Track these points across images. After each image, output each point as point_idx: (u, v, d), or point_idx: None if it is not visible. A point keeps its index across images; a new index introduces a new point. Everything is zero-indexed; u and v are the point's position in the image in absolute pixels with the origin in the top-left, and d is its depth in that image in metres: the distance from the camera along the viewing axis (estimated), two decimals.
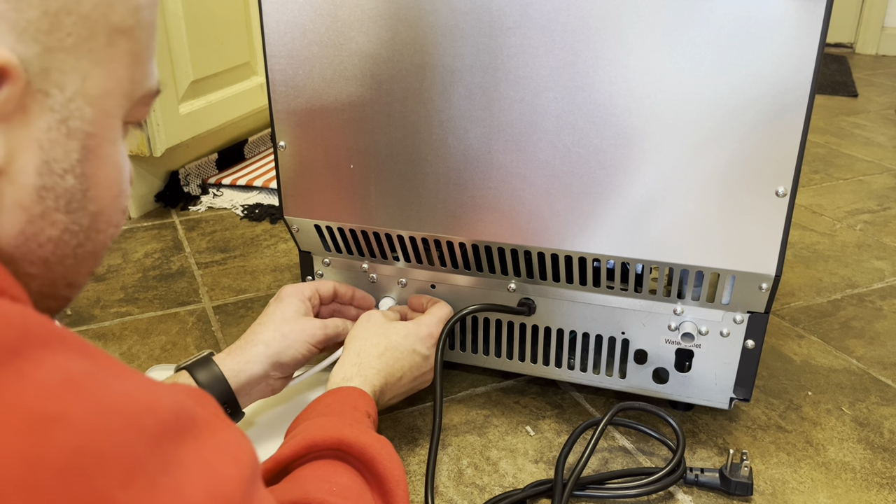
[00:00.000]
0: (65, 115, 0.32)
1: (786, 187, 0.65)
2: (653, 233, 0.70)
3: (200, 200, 1.46)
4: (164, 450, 0.28)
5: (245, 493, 0.31)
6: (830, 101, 2.24)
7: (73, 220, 0.34)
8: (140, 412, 0.28)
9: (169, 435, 0.29)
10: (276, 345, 0.72)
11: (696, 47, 0.63)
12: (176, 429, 0.29)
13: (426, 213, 0.76)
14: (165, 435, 0.28)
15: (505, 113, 0.69)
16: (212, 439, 0.31)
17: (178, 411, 0.30)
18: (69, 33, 0.32)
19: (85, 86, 0.33)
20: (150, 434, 0.28)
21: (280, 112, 0.77)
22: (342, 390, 0.68)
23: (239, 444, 0.33)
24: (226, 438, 0.32)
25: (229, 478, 0.30)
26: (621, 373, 0.80)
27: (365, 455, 0.57)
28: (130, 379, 0.29)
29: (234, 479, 0.31)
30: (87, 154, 0.34)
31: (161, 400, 0.29)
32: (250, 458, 0.33)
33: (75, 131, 0.33)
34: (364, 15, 0.70)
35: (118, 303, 1.08)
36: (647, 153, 0.67)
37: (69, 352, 0.28)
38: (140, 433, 0.27)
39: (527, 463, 0.76)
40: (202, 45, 1.40)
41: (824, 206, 1.44)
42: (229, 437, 0.32)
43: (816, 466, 0.76)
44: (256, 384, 0.72)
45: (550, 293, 0.78)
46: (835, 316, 1.05)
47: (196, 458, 0.29)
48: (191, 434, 0.30)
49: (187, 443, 0.29)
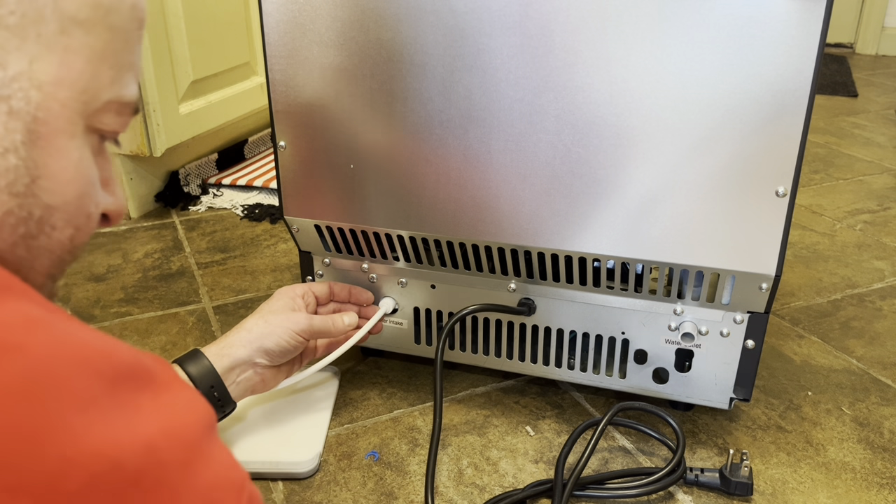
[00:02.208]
0: (6, 92, 0.33)
1: (786, 187, 0.65)
2: (653, 233, 0.70)
3: (200, 200, 1.46)
4: (119, 393, 0.29)
5: (201, 438, 0.32)
6: (830, 101, 2.24)
7: (20, 204, 0.34)
8: (96, 356, 0.29)
9: (124, 382, 0.30)
10: (259, 330, 0.72)
11: (696, 47, 0.63)
12: (132, 378, 0.30)
13: (426, 213, 0.76)
14: (120, 381, 0.29)
15: (505, 113, 0.69)
16: (169, 394, 0.32)
17: (135, 364, 0.31)
18: (12, 11, 0.32)
19: (32, 69, 0.33)
20: (105, 376, 0.29)
21: (280, 112, 0.77)
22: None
23: (196, 400, 0.34)
24: (183, 395, 0.33)
25: (186, 423, 0.31)
26: (621, 373, 0.80)
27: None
28: (90, 331, 0.30)
29: (191, 425, 0.32)
30: (33, 139, 0.34)
31: (118, 350, 0.30)
32: (207, 412, 0.34)
33: (18, 112, 0.33)
34: (364, 15, 0.70)
35: (118, 303, 1.08)
36: (647, 153, 0.67)
37: (31, 302, 0.29)
38: (96, 373, 0.28)
39: (527, 463, 0.76)
40: (202, 45, 1.40)
41: (824, 206, 1.44)
42: (187, 395, 0.33)
43: (816, 466, 0.76)
44: (243, 370, 0.71)
45: (550, 293, 0.78)
46: (835, 316, 1.05)
47: (153, 406, 0.30)
48: (148, 387, 0.31)
49: (144, 393, 0.30)
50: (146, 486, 0.28)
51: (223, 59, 1.48)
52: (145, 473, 0.28)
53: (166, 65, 1.32)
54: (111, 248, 1.26)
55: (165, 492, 0.29)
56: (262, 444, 0.76)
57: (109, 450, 0.27)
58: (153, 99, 1.29)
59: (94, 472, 0.27)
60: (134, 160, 1.37)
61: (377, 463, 0.76)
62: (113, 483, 0.27)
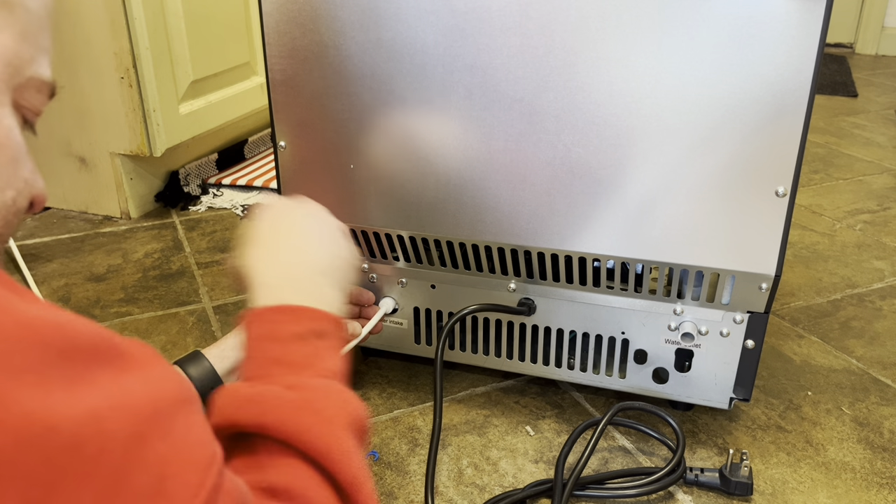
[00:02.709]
0: None
1: (786, 187, 0.65)
2: (653, 233, 0.70)
3: (200, 200, 1.46)
4: (68, 365, 0.29)
5: (161, 413, 0.32)
6: (830, 101, 2.24)
7: None
8: (46, 329, 0.29)
9: (78, 355, 0.30)
10: None
11: (696, 47, 0.63)
12: (90, 353, 0.30)
13: (426, 213, 0.76)
14: (72, 353, 0.30)
15: (505, 113, 0.69)
16: (139, 371, 0.32)
17: (97, 341, 0.31)
18: None
19: None
20: (53, 347, 0.29)
21: (280, 112, 0.77)
22: (263, 313, 0.53)
23: (166, 377, 0.33)
24: (153, 372, 0.33)
25: (144, 396, 0.31)
26: (621, 373, 0.80)
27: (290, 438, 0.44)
28: (50, 308, 0.30)
29: (151, 399, 0.31)
30: None
31: (75, 324, 0.30)
32: (178, 389, 0.34)
33: None
34: (364, 15, 0.70)
35: (118, 303, 1.08)
36: (647, 153, 0.67)
37: None
38: (41, 344, 0.29)
39: (527, 463, 0.76)
40: (202, 45, 1.40)
41: (824, 206, 1.44)
42: (157, 372, 0.33)
43: (816, 466, 0.76)
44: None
45: (550, 293, 0.78)
46: (835, 316, 1.05)
47: (110, 380, 0.30)
48: (111, 363, 0.31)
49: (103, 368, 0.30)
50: (87, 454, 0.28)
51: (223, 59, 1.48)
52: (86, 441, 0.28)
53: (166, 65, 1.32)
54: (111, 248, 1.26)
55: (109, 461, 0.29)
56: None
57: (43, 415, 0.27)
58: (153, 99, 1.29)
59: (23, 434, 0.27)
60: (134, 160, 1.37)
61: (377, 463, 0.76)
62: (45, 447, 0.27)
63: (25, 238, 1.30)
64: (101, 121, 1.31)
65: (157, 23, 1.28)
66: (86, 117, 1.32)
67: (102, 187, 1.37)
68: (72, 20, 1.24)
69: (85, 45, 1.26)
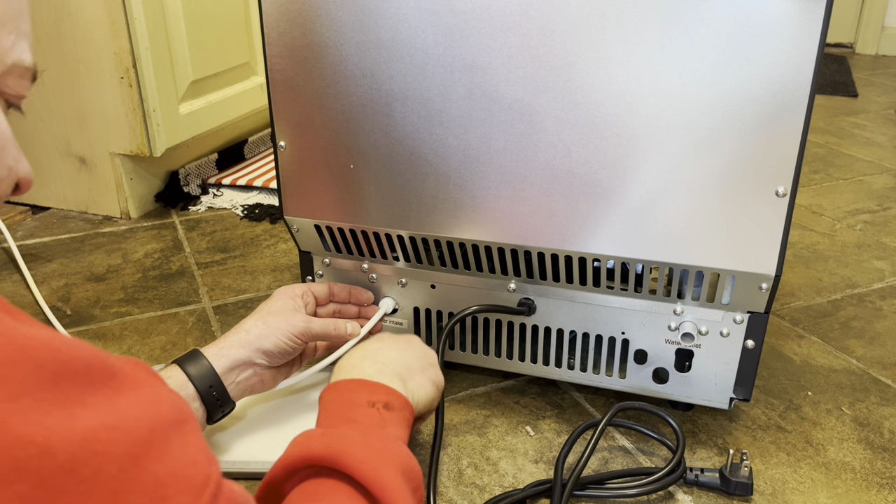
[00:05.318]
0: None
1: (786, 187, 0.65)
2: (653, 233, 0.70)
3: (200, 200, 1.46)
4: (62, 388, 0.29)
5: (157, 434, 0.32)
6: (830, 101, 2.24)
7: None
8: (41, 351, 0.29)
9: (73, 377, 0.30)
10: (257, 330, 0.72)
11: (695, 47, 0.63)
12: (85, 376, 0.30)
13: (426, 213, 0.76)
14: (67, 376, 0.30)
15: (505, 113, 0.69)
16: (133, 392, 0.32)
17: (91, 361, 0.31)
18: None
19: None
20: (48, 370, 0.29)
21: (280, 112, 0.77)
22: (340, 384, 0.61)
23: (160, 397, 0.34)
24: (148, 393, 0.33)
25: (139, 418, 0.31)
26: (621, 373, 0.80)
27: (347, 468, 0.49)
28: (43, 329, 0.30)
29: (146, 420, 0.32)
30: None
31: (69, 346, 0.30)
32: (173, 409, 0.34)
33: None
34: (364, 15, 0.70)
35: (118, 303, 1.08)
36: (647, 153, 0.67)
37: None
38: (35, 366, 0.29)
39: (527, 463, 0.76)
40: (202, 45, 1.40)
41: (824, 206, 1.44)
42: (152, 392, 0.33)
43: (816, 466, 0.76)
44: (242, 370, 0.71)
45: (550, 293, 0.78)
46: (835, 316, 1.05)
47: (105, 402, 0.31)
48: (105, 385, 0.31)
49: (98, 390, 0.31)
50: (82, 476, 0.28)
51: (223, 59, 1.48)
52: (81, 463, 0.28)
53: (166, 65, 1.32)
54: (111, 248, 1.26)
55: (105, 482, 0.29)
56: (261, 444, 0.76)
57: (38, 437, 0.27)
58: (153, 99, 1.29)
59: (19, 456, 0.27)
60: (134, 160, 1.37)
61: None
62: (40, 469, 0.27)
63: (25, 238, 1.30)
64: (101, 121, 1.31)
65: (157, 23, 1.28)
66: (86, 117, 1.32)
67: (102, 187, 1.37)
68: (72, 20, 1.25)
69: (85, 45, 1.26)
